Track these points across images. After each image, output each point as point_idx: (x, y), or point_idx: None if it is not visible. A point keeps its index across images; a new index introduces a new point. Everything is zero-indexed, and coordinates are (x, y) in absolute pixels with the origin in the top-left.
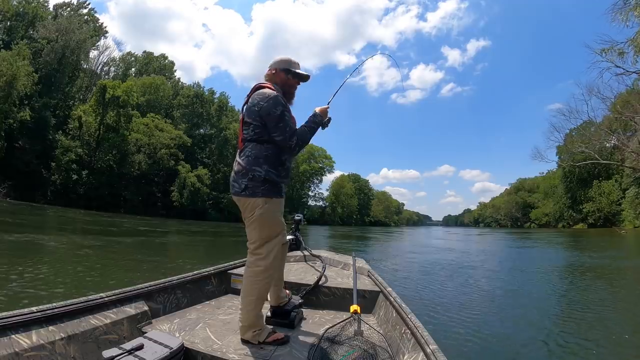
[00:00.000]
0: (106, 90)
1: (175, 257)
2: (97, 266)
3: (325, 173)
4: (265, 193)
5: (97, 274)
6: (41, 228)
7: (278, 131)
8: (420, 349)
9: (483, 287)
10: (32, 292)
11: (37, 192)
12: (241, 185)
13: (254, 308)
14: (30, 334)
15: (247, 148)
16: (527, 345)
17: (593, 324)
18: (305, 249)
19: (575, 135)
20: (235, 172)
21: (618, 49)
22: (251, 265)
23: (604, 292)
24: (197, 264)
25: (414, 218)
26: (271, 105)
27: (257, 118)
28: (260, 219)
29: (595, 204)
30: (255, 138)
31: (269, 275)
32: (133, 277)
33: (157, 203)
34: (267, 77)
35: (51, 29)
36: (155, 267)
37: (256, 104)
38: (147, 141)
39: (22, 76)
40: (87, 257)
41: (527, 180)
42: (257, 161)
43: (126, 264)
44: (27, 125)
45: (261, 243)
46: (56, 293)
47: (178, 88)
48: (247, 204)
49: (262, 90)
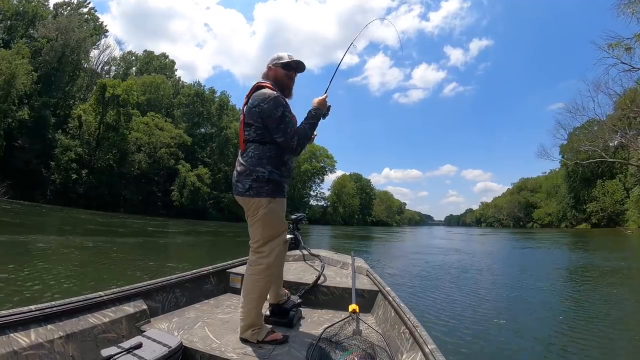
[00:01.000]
0: (106, 89)
1: (170, 258)
2: (90, 268)
3: (326, 172)
4: (269, 193)
5: (93, 275)
6: (39, 228)
7: (279, 132)
8: (418, 348)
9: (485, 288)
10: (27, 292)
11: (37, 191)
12: (245, 185)
13: (256, 306)
14: (29, 332)
15: (250, 149)
16: (528, 346)
17: (601, 327)
18: (304, 248)
19: (578, 134)
20: (239, 173)
21: (625, 45)
22: (253, 263)
23: (616, 295)
24: (191, 265)
25: (416, 218)
26: (272, 107)
27: (259, 119)
28: (265, 218)
29: (599, 204)
30: (257, 139)
31: (271, 273)
32: (126, 279)
33: (157, 202)
34: (265, 75)
35: (51, 27)
36: (148, 268)
37: (257, 105)
38: (147, 140)
39: (21, 75)
40: (81, 257)
41: (529, 179)
42: (261, 162)
43: (120, 265)
44: (27, 125)
45: (264, 242)
46: (54, 292)
47: (179, 87)
48: (251, 204)
49: (262, 91)
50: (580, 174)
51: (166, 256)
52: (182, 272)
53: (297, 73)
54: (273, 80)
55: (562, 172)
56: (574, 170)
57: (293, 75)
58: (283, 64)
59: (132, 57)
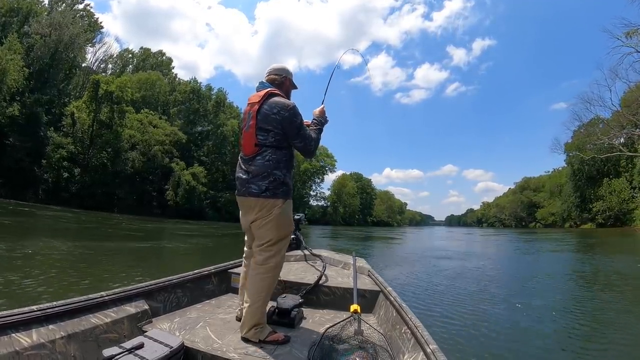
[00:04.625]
0: (99, 85)
1: (162, 261)
2: (75, 273)
3: (326, 172)
4: (283, 194)
5: (82, 279)
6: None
7: (299, 138)
8: (420, 348)
9: (488, 289)
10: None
11: (29, 190)
12: (261, 187)
13: (262, 305)
14: (30, 332)
15: (267, 153)
16: (529, 347)
17: (620, 339)
18: (306, 249)
19: (584, 131)
20: (252, 175)
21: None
22: (262, 262)
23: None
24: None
25: (417, 218)
26: (292, 115)
27: (278, 126)
28: (279, 218)
29: (605, 203)
30: (275, 144)
31: (278, 272)
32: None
33: (153, 202)
34: (276, 82)
35: (44, 23)
36: (131, 277)
37: (277, 113)
38: (140, 138)
39: (11, 71)
40: (70, 260)
41: (532, 179)
42: (278, 165)
43: (102, 273)
44: (18, 122)
45: (276, 241)
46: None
47: (175, 84)
48: (266, 204)
49: (280, 100)
50: (586, 173)
51: (149, 264)
52: (184, 272)
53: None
54: (285, 91)
55: (566, 170)
56: (580, 168)
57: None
58: (292, 81)
59: (129, 55)
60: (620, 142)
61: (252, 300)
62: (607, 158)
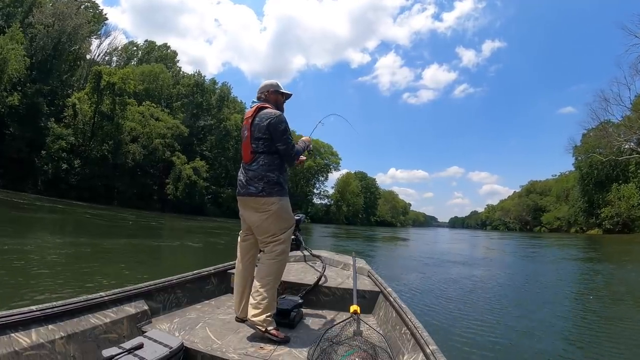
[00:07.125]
0: (101, 76)
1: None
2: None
3: (331, 170)
4: (278, 192)
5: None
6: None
7: (282, 142)
8: (420, 349)
9: (489, 291)
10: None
11: (28, 181)
12: (258, 187)
13: (272, 288)
14: (29, 332)
15: (260, 158)
16: (530, 348)
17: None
18: (306, 249)
19: (592, 135)
20: (250, 178)
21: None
22: (269, 252)
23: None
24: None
25: (420, 219)
26: (278, 122)
27: (266, 132)
28: (278, 211)
29: (614, 209)
30: (266, 150)
31: (285, 257)
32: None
33: (153, 196)
34: (262, 99)
35: (47, 13)
36: (124, 277)
37: (264, 120)
38: (141, 130)
39: (12, 60)
40: (62, 263)
41: (538, 182)
42: (270, 168)
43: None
44: (18, 112)
45: (279, 233)
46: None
47: (179, 78)
48: (263, 202)
49: (269, 110)
50: (595, 177)
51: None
52: (183, 272)
53: (286, 100)
54: (274, 103)
55: (573, 175)
56: (588, 172)
57: (285, 100)
58: (280, 92)
59: (134, 47)
60: (630, 146)
61: (260, 284)
62: (616, 163)
